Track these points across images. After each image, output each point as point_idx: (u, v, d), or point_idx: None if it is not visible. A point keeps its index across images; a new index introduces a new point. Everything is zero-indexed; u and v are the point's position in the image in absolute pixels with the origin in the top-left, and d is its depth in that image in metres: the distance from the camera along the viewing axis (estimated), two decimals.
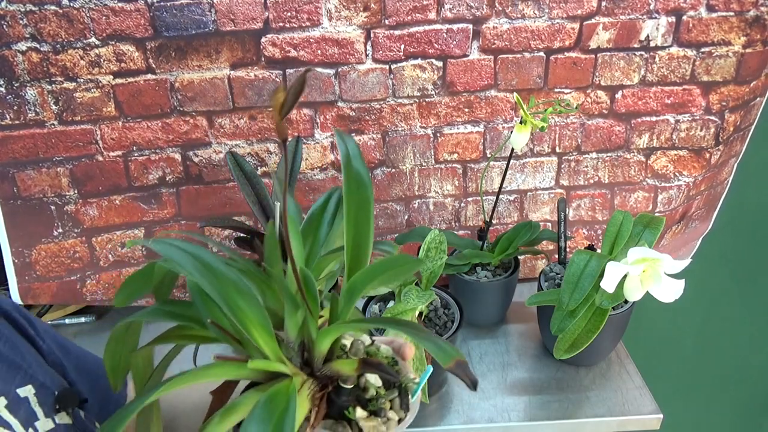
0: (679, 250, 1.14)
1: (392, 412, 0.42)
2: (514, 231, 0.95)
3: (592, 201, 1.04)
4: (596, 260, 0.79)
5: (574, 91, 0.94)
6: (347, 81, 0.90)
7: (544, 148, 0.99)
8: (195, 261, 0.40)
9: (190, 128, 0.91)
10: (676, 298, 0.73)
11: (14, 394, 0.49)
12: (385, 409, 0.42)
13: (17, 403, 0.49)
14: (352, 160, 0.45)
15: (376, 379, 0.43)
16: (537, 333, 0.96)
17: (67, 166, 0.90)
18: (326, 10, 0.84)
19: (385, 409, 0.42)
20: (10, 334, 0.54)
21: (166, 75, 0.86)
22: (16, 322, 0.56)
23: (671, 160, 1.00)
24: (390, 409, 0.42)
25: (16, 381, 0.50)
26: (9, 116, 0.85)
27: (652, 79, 0.94)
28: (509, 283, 0.95)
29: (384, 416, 0.42)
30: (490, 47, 0.90)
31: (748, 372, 1.46)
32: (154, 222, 0.96)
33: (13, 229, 0.91)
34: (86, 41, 0.83)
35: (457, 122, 0.95)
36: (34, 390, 0.51)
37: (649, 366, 1.00)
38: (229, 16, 0.83)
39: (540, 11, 0.87)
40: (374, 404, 0.42)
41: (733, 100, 0.95)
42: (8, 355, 0.51)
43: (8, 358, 0.51)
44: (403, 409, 0.42)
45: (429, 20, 0.87)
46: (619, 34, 0.90)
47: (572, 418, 0.82)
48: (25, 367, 0.52)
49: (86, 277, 0.97)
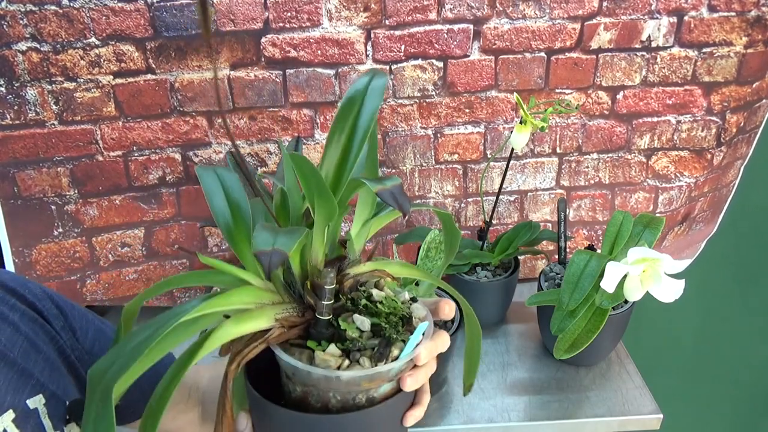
0: (683, 251, 1.14)
1: (365, 359, 0.40)
2: (514, 231, 0.95)
3: (592, 201, 1.04)
4: (596, 260, 0.79)
5: (575, 92, 0.94)
6: (347, 81, 0.90)
7: (544, 149, 0.99)
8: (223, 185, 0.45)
9: (190, 128, 0.91)
10: (676, 299, 0.73)
11: (24, 406, 0.48)
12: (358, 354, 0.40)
13: (26, 416, 0.48)
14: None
15: (362, 323, 0.41)
16: (537, 333, 0.96)
17: (68, 166, 0.90)
18: (326, 11, 0.84)
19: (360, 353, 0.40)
20: (30, 331, 0.52)
21: (166, 75, 0.86)
22: (42, 314, 0.54)
23: (672, 161, 1.00)
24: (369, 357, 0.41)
25: (26, 391, 0.49)
26: (9, 116, 0.85)
27: (653, 79, 0.93)
28: (509, 283, 0.95)
29: (354, 360, 0.40)
30: (490, 47, 0.90)
31: (748, 372, 1.46)
32: (154, 222, 0.97)
33: (13, 229, 0.91)
34: (86, 41, 0.83)
35: (457, 123, 0.95)
36: (45, 400, 0.50)
37: (649, 366, 1.00)
38: (229, 16, 0.83)
39: (541, 11, 0.87)
40: (347, 344, 0.40)
41: (734, 101, 0.95)
42: (22, 362, 0.50)
43: (21, 366, 0.49)
44: (374, 359, 0.40)
45: (429, 20, 0.87)
46: (620, 35, 0.90)
47: (572, 418, 0.83)
48: (37, 374, 0.50)
49: (86, 277, 0.97)
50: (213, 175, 0.47)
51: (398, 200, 0.36)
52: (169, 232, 0.98)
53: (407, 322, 0.43)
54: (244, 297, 0.41)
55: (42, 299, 0.55)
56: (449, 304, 0.46)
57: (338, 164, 0.43)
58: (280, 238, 0.36)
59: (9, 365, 0.49)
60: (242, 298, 0.41)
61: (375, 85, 0.44)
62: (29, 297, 0.54)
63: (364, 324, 0.41)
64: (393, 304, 0.43)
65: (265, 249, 0.34)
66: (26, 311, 0.53)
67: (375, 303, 0.42)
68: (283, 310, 0.42)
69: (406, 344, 0.41)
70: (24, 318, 0.52)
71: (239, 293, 0.41)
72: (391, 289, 0.45)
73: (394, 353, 0.41)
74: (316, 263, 0.43)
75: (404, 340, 0.42)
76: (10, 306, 0.52)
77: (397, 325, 0.42)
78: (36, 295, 0.54)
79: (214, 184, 0.46)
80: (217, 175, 0.47)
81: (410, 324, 0.43)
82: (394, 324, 0.42)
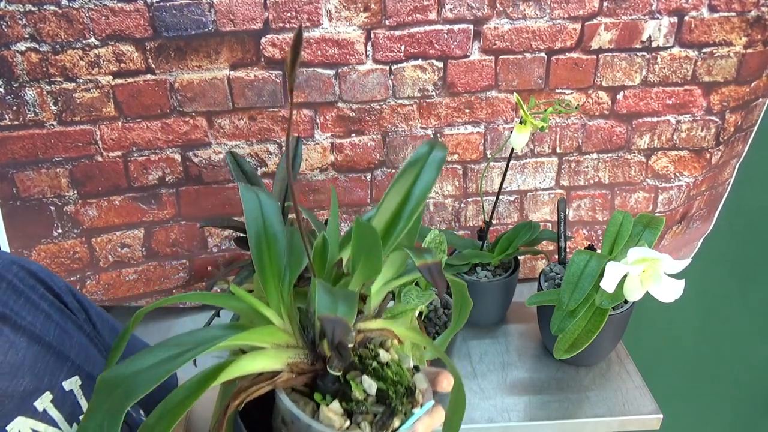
0: (680, 250, 1.14)
1: (366, 424, 0.40)
2: (514, 231, 0.95)
3: (592, 201, 1.04)
4: (596, 260, 0.79)
5: (575, 92, 0.94)
6: (347, 81, 0.90)
7: (544, 149, 0.99)
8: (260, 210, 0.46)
9: (190, 128, 0.91)
10: (676, 298, 0.73)
11: (60, 388, 0.49)
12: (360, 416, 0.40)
13: (63, 397, 0.49)
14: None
15: (370, 386, 0.41)
16: (537, 333, 0.96)
17: (67, 167, 0.90)
18: (326, 11, 0.84)
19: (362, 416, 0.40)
20: (60, 319, 0.54)
21: (166, 75, 0.86)
22: (66, 305, 0.56)
23: (672, 161, 1.00)
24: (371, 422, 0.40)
25: (63, 373, 0.50)
26: (8, 117, 0.84)
27: (653, 79, 0.93)
28: (509, 283, 0.95)
29: (355, 422, 0.40)
30: (491, 48, 0.90)
31: (748, 372, 1.46)
32: (153, 222, 0.96)
33: (12, 230, 0.91)
34: (86, 41, 0.82)
35: (457, 123, 0.95)
36: (81, 381, 0.51)
37: (649, 366, 1.00)
38: (229, 16, 0.83)
39: (541, 12, 0.87)
40: (351, 405, 0.40)
41: (733, 101, 0.95)
42: (57, 345, 0.51)
43: (57, 349, 0.51)
44: (375, 426, 0.40)
45: (429, 21, 0.87)
46: (620, 35, 0.90)
47: (572, 418, 0.83)
48: (73, 357, 0.52)
49: (86, 278, 0.97)
50: (255, 200, 0.46)
51: (436, 279, 0.37)
52: (169, 232, 0.98)
53: (411, 393, 0.43)
54: (264, 336, 0.41)
55: (66, 293, 0.56)
56: (448, 378, 0.46)
57: (387, 226, 0.44)
58: (341, 305, 0.35)
59: (45, 348, 0.50)
60: (263, 336, 0.41)
61: (434, 157, 0.45)
62: (56, 288, 0.55)
63: (371, 388, 0.41)
64: (400, 371, 0.43)
65: (329, 315, 0.34)
66: (54, 302, 0.55)
67: (382, 365, 0.42)
68: (295, 355, 0.41)
69: (408, 418, 0.41)
70: (53, 307, 0.54)
71: (263, 333, 0.41)
72: (397, 353, 0.45)
73: (395, 424, 0.41)
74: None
75: (406, 412, 0.42)
76: (40, 294, 0.54)
77: (403, 396, 0.42)
78: (61, 288, 0.56)
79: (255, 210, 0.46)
80: (259, 201, 0.46)
81: (413, 395, 0.43)
82: (401, 395, 0.41)
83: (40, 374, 0.49)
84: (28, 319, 0.51)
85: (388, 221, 0.44)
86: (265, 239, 0.44)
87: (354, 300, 0.37)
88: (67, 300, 0.56)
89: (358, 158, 0.96)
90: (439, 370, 0.46)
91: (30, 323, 0.51)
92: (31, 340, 0.50)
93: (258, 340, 0.41)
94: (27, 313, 0.51)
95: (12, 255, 0.56)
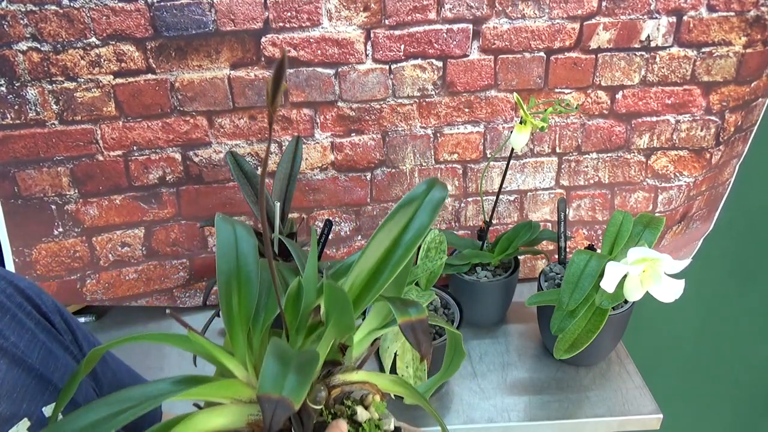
0: (680, 250, 1.14)
1: None
2: (514, 231, 0.95)
3: (592, 201, 1.04)
4: (596, 260, 0.79)
5: (574, 92, 0.94)
6: (347, 81, 0.90)
7: (544, 149, 0.99)
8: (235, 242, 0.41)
9: (190, 128, 0.91)
10: (676, 298, 0.73)
11: (39, 414, 0.47)
12: None
13: (41, 424, 0.47)
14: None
15: None
16: (537, 333, 0.96)
17: (68, 166, 0.90)
18: (326, 10, 0.85)
19: None
20: (47, 340, 0.51)
21: (166, 75, 0.86)
22: (54, 325, 0.53)
23: (671, 161, 1.00)
24: None
25: (44, 398, 0.48)
26: (10, 116, 0.85)
27: (652, 79, 0.94)
28: (509, 283, 0.95)
29: None
30: (490, 47, 0.90)
31: (748, 372, 1.45)
32: (154, 222, 0.97)
33: (13, 228, 0.91)
34: (87, 41, 0.83)
35: (457, 122, 0.95)
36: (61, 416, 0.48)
37: (649, 366, 1.00)
38: (229, 16, 0.84)
39: (540, 11, 0.87)
40: None
41: (733, 101, 0.95)
42: (40, 368, 0.49)
43: (39, 372, 0.48)
44: None
45: (429, 20, 0.87)
46: (619, 35, 0.90)
47: (572, 418, 0.83)
48: (56, 380, 0.49)
49: (86, 277, 0.97)
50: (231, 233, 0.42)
51: (418, 338, 0.32)
52: (169, 231, 0.98)
53: None
54: (222, 390, 0.37)
55: (53, 312, 0.54)
56: None
57: (368, 278, 0.39)
58: (290, 379, 0.30)
59: (27, 371, 0.48)
60: (220, 391, 0.37)
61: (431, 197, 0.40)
62: (43, 308, 0.53)
63: None
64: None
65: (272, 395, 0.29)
66: (41, 320, 0.52)
67: (357, 426, 0.38)
68: (258, 412, 0.36)
69: None
70: (39, 326, 0.52)
71: (218, 386, 0.36)
72: (378, 410, 0.41)
73: None
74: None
75: None
76: (27, 313, 0.52)
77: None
78: (48, 307, 0.54)
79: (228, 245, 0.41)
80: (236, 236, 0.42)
81: None
82: None
83: (19, 400, 0.46)
84: (11, 339, 0.48)
85: (372, 269, 0.39)
86: (236, 279, 0.40)
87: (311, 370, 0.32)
88: (54, 320, 0.54)
89: (358, 158, 0.96)
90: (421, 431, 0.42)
91: (13, 344, 0.48)
92: (12, 363, 0.47)
93: (215, 395, 0.36)
94: (11, 332, 0.49)
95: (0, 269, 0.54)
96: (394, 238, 0.39)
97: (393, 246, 0.39)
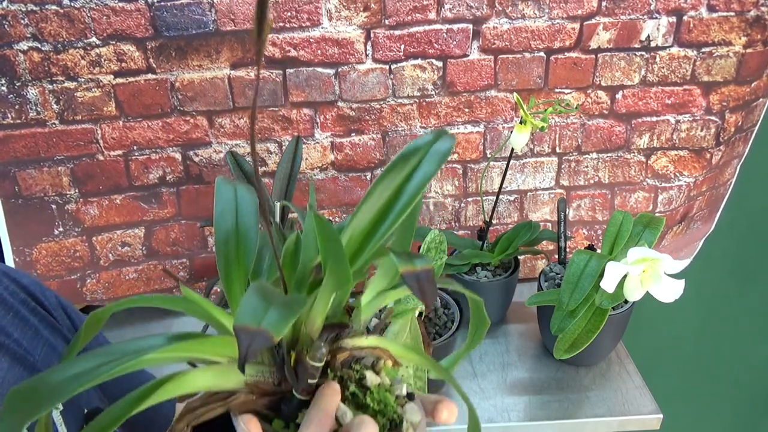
0: (681, 250, 1.14)
1: None
2: (514, 231, 0.95)
3: (592, 201, 1.04)
4: (596, 260, 0.79)
5: (574, 92, 0.94)
6: (347, 81, 0.90)
7: (544, 149, 0.99)
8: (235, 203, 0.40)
9: (191, 128, 0.91)
10: (676, 299, 0.73)
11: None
12: None
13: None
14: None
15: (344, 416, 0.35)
16: (537, 333, 0.96)
17: (68, 166, 0.90)
18: (326, 10, 0.85)
19: None
20: (50, 336, 0.51)
21: (167, 75, 0.87)
22: (57, 321, 0.53)
23: (672, 161, 1.00)
24: None
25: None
26: (10, 115, 0.85)
27: (652, 79, 0.94)
28: (509, 283, 0.95)
29: None
30: (490, 47, 0.90)
31: (748, 372, 1.45)
32: (154, 221, 0.97)
33: (14, 228, 0.91)
34: (87, 41, 0.83)
35: (457, 122, 0.95)
36: (62, 407, 0.48)
37: (649, 366, 1.00)
38: (229, 15, 0.84)
39: (540, 11, 0.87)
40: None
41: (733, 101, 0.95)
42: (42, 367, 0.48)
43: (41, 371, 0.48)
44: None
45: (429, 20, 0.87)
46: (619, 35, 0.90)
47: (572, 418, 0.83)
48: None
49: (86, 277, 0.97)
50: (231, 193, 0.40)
51: (423, 289, 0.29)
52: (170, 231, 0.98)
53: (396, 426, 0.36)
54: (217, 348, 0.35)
55: (56, 308, 0.54)
56: (449, 408, 0.38)
57: (369, 228, 0.36)
58: (271, 314, 0.28)
59: (29, 369, 0.48)
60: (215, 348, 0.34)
61: (437, 148, 0.37)
62: (47, 303, 0.53)
63: (344, 416, 0.35)
64: (385, 399, 0.36)
65: (250, 326, 0.27)
66: (46, 316, 0.52)
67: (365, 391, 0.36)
68: (257, 373, 0.35)
69: None
70: (43, 323, 0.51)
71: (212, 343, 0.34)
72: (389, 376, 0.38)
73: None
74: (311, 330, 0.36)
75: None
76: (31, 309, 0.51)
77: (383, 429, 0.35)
78: (52, 303, 0.54)
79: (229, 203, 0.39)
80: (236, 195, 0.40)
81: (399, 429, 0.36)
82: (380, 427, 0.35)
83: None
84: (14, 336, 0.48)
85: (373, 219, 0.36)
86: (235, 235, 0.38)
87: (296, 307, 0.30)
88: (57, 316, 0.53)
89: (358, 157, 0.96)
90: (439, 398, 0.39)
91: (15, 341, 0.48)
92: (13, 361, 0.47)
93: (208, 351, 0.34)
94: (14, 329, 0.48)
95: (3, 266, 0.54)
96: (396, 187, 0.36)
97: (395, 195, 0.36)
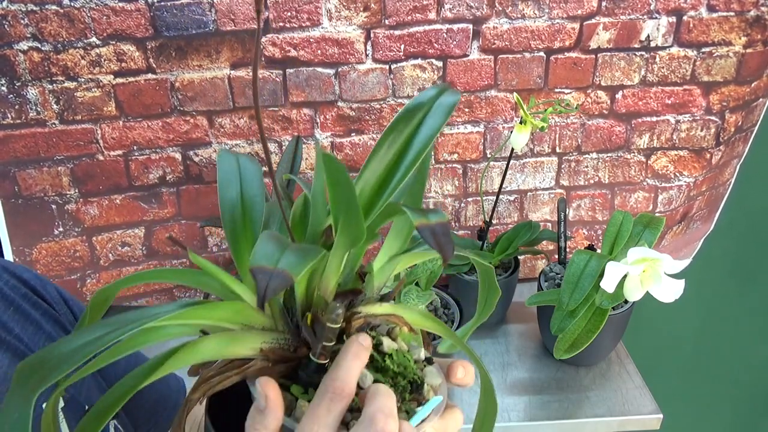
0: (681, 250, 1.14)
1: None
2: (514, 231, 0.95)
3: (592, 201, 1.04)
4: (596, 260, 0.79)
5: (574, 92, 0.94)
6: (347, 81, 0.90)
7: (544, 148, 0.99)
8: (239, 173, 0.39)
9: (191, 128, 0.91)
10: (676, 298, 0.73)
11: (40, 410, 0.46)
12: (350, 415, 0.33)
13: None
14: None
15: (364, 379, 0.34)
16: (537, 333, 0.96)
17: (68, 165, 0.90)
18: (326, 10, 0.85)
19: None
20: (52, 330, 0.51)
21: (167, 75, 0.87)
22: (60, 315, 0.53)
23: (671, 161, 1.00)
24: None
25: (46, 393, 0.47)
26: (10, 115, 0.85)
27: (652, 79, 0.94)
28: (509, 283, 0.95)
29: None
30: (490, 47, 0.90)
31: (748, 372, 1.45)
32: (154, 221, 0.97)
33: (14, 228, 0.91)
34: (87, 41, 0.83)
35: (457, 122, 0.95)
36: (63, 403, 0.47)
37: (649, 366, 1.00)
38: (229, 15, 0.84)
39: (540, 11, 0.87)
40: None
41: (733, 101, 0.95)
42: None
43: None
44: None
45: (429, 20, 0.87)
46: (619, 35, 0.90)
47: (572, 418, 0.83)
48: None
49: (86, 276, 0.97)
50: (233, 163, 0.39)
51: (440, 241, 0.28)
52: (170, 231, 0.98)
53: (417, 388, 0.36)
54: (230, 314, 0.34)
55: (58, 302, 0.54)
56: (465, 366, 0.38)
57: (379, 182, 0.35)
58: (287, 255, 0.28)
59: None
60: (227, 314, 0.34)
61: (443, 101, 0.37)
62: (48, 297, 0.53)
63: (365, 380, 0.34)
64: (405, 362, 0.36)
65: (266, 266, 0.26)
66: (47, 310, 0.52)
67: (383, 355, 0.36)
68: (272, 340, 0.34)
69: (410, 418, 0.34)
70: (45, 316, 0.51)
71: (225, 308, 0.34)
72: (405, 341, 0.38)
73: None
74: (324, 293, 0.35)
75: (408, 410, 0.35)
76: (33, 303, 0.51)
77: (404, 391, 0.35)
78: (53, 297, 0.53)
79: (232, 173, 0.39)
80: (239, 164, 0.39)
81: (420, 391, 0.36)
82: (401, 389, 0.35)
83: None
84: (15, 332, 0.48)
85: (384, 172, 0.35)
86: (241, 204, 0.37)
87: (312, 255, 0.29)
88: (59, 309, 0.53)
89: (359, 157, 0.96)
90: (454, 360, 0.39)
91: (16, 336, 0.47)
92: (14, 357, 0.46)
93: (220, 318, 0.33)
94: (15, 324, 0.48)
95: (3, 260, 0.53)
96: (405, 139, 0.35)
97: (404, 147, 0.35)
